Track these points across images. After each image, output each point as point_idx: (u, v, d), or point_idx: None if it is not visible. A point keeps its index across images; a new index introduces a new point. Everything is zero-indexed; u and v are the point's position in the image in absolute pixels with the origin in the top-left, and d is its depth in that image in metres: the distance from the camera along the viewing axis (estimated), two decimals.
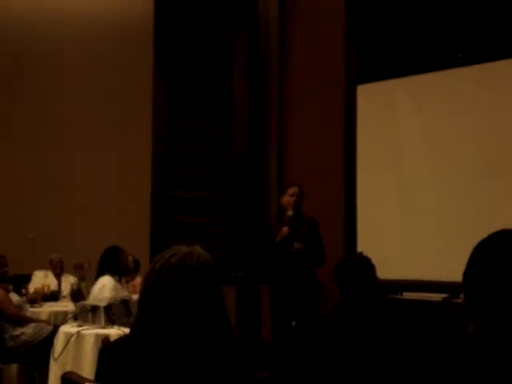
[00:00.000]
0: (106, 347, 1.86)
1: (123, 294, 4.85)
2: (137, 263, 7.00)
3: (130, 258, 5.39)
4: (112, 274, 5.08)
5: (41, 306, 6.02)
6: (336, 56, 6.87)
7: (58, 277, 6.92)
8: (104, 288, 4.94)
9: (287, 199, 5.74)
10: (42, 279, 6.73)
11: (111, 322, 4.33)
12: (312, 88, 7.00)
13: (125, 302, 4.49)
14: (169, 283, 1.71)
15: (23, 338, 5.08)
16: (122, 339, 1.90)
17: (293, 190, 5.77)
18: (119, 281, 5.25)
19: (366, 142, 6.64)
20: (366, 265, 3.31)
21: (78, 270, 6.56)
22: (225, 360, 1.71)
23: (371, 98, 6.65)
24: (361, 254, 3.49)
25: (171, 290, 1.70)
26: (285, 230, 5.61)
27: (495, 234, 1.57)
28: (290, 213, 5.67)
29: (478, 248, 1.57)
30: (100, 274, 5.14)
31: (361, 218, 6.62)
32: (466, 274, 1.56)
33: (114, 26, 8.13)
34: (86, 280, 6.16)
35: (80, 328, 4.26)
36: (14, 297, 5.45)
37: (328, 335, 3.22)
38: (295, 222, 5.68)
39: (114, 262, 5.15)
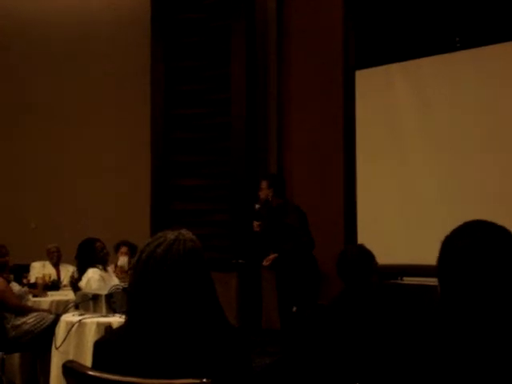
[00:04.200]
0: (100, 340, 1.85)
1: (112, 282, 4.87)
2: (134, 250, 6.99)
3: (100, 244, 5.39)
4: (94, 266, 5.10)
5: (45, 295, 5.98)
6: (334, 42, 6.84)
7: (56, 266, 6.90)
8: (90, 281, 4.97)
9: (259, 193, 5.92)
10: (40, 270, 6.71)
11: (113, 310, 4.32)
12: (311, 74, 6.97)
13: (126, 290, 4.49)
14: (157, 274, 1.69)
15: (25, 327, 5.07)
16: (115, 331, 1.89)
17: (261, 184, 5.92)
18: (104, 270, 5.26)
19: (365, 128, 6.62)
20: (367, 256, 3.32)
21: None
22: (219, 345, 1.70)
23: (370, 84, 6.63)
24: (361, 246, 3.47)
25: (160, 281, 1.68)
26: (255, 225, 5.82)
27: (460, 227, 1.65)
28: (257, 206, 5.86)
29: (445, 243, 1.66)
30: (81, 269, 5.17)
31: (361, 203, 6.61)
32: (437, 270, 1.63)
33: (110, 12, 8.08)
34: None
35: (81, 317, 4.25)
36: (15, 286, 5.43)
37: (333, 322, 3.24)
38: (280, 211, 5.74)
39: (90, 254, 5.17)
